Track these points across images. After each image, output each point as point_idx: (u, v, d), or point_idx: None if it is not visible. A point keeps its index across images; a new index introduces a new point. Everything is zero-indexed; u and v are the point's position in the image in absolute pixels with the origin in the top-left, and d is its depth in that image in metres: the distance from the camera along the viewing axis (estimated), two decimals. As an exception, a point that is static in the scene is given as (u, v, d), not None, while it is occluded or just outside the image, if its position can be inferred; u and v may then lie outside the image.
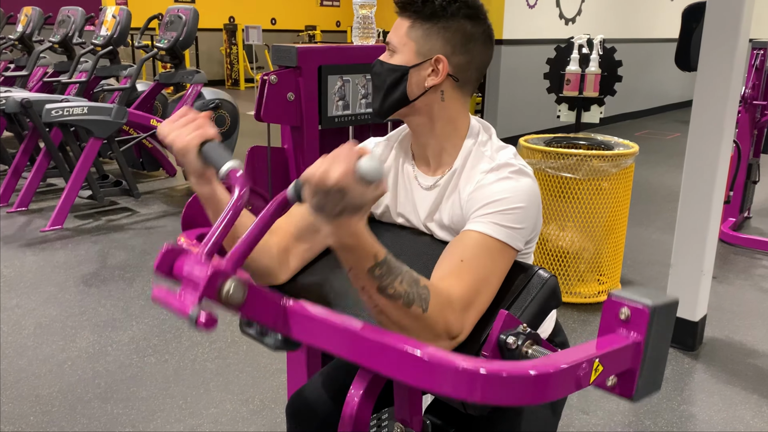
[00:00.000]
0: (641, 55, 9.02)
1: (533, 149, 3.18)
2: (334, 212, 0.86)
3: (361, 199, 0.85)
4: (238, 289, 0.83)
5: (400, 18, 1.21)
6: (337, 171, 0.82)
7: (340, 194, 0.83)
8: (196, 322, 0.80)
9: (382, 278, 0.92)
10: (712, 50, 2.58)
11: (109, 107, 4.46)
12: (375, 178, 0.83)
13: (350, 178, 0.83)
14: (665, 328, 0.83)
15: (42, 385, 2.48)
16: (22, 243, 4.04)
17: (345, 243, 0.90)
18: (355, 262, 0.92)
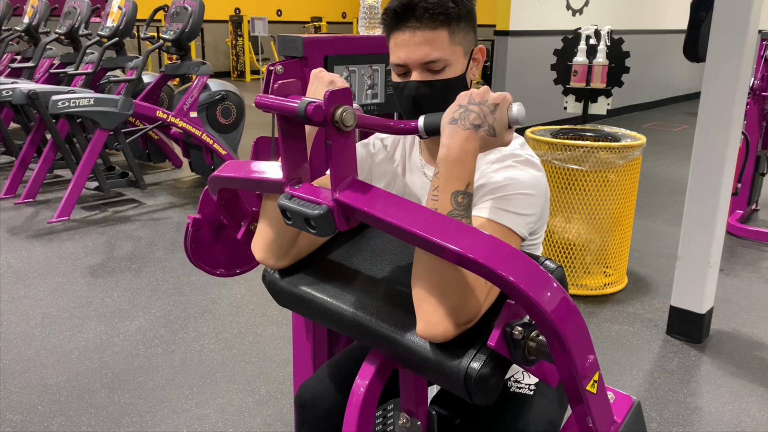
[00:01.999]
0: (649, 46, 8.96)
1: (540, 141, 3.17)
2: (474, 123, 0.93)
3: (500, 126, 0.94)
4: (352, 114, 0.89)
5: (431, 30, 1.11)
6: (497, 94, 0.94)
7: (491, 110, 0.93)
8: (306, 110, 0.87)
9: (459, 208, 0.94)
10: (720, 41, 2.55)
11: (116, 98, 4.47)
12: (519, 122, 0.94)
13: (506, 104, 0.94)
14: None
15: (50, 375, 2.50)
16: (29, 234, 4.06)
17: (458, 157, 0.93)
18: (449, 180, 0.94)
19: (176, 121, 4.80)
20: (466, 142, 0.93)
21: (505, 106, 0.94)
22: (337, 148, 0.91)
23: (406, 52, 1.13)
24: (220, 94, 5.06)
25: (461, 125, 0.93)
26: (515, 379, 1.27)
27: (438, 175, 0.95)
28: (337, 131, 0.89)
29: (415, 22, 1.11)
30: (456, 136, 0.93)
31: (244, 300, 3.18)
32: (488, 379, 0.96)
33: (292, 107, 0.90)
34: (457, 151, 0.93)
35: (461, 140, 0.93)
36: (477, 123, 0.93)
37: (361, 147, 1.34)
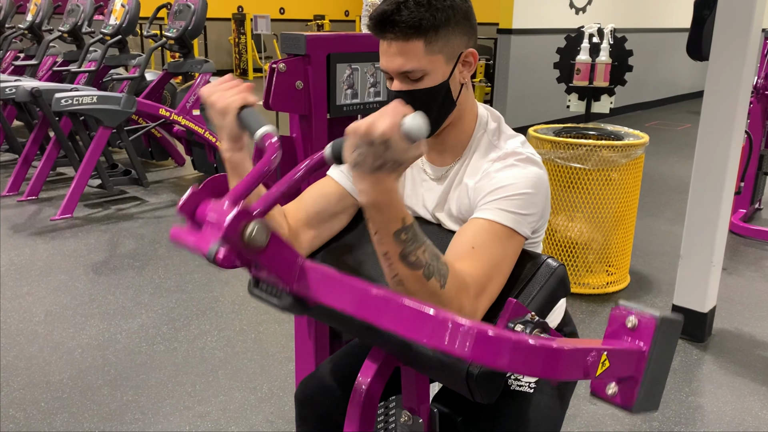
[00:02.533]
0: (652, 44, 8.94)
1: (542, 139, 3.17)
2: (375, 166, 0.88)
3: (403, 155, 0.87)
4: (262, 231, 0.82)
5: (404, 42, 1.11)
6: (383, 123, 0.85)
7: (384, 147, 0.86)
8: (215, 257, 0.80)
9: (407, 243, 0.92)
10: (724, 39, 2.55)
11: (118, 96, 4.47)
12: (419, 137, 0.86)
13: (396, 132, 0.86)
14: (669, 343, 0.84)
15: (53, 372, 2.51)
16: (32, 231, 4.07)
17: (378, 201, 0.91)
18: (383, 223, 0.92)
19: (179, 119, 4.81)
20: (378, 184, 0.90)
21: (396, 133, 0.86)
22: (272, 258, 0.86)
23: (385, 60, 1.15)
24: (222, 92, 5.05)
25: (364, 170, 0.89)
26: (516, 377, 1.27)
27: (371, 220, 0.93)
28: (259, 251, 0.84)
29: (390, 33, 1.11)
30: (366, 181, 0.90)
31: (247, 297, 3.18)
32: (490, 377, 0.96)
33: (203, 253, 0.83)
34: (375, 194, 0.91)
35: (372, 184, 0.90)
36: (377, 164, 0.88)
37: None
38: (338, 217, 1.28)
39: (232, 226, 0.80)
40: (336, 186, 1.28)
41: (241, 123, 1.04)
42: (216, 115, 1.06)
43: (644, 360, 0.81)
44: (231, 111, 1.04)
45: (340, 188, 1.27)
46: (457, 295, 0.97)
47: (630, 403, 0.83)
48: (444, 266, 0.96)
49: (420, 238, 0.94)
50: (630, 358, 0.81)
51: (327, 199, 1.26)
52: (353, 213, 1.30)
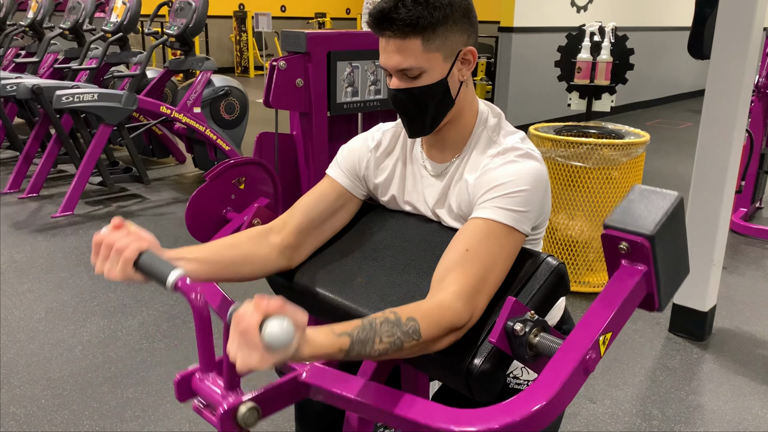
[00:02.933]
0: (653, 43, 8.93)
1: (543, 138, 3.17)
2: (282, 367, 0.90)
3: (284, 358, 0.81)
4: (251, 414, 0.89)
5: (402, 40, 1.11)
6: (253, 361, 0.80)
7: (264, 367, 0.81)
8: None
9: (361, 354, 0.90)
10: (725, 38, 2.54)
11: (119, 94, 4.47)
12: (285, 342, 0.79)
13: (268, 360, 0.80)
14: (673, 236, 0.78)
15: (53, 369, 2.51)
16: (33, 229, 4.07)
17: (311, 359, 0.88)
18: (329, 359, 0.91)
19: (180, 117, 4.81)
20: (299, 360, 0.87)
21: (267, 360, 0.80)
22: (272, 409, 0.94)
23: (384, 57, 1.16)
24: (223, 90, 5.06)
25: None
26: (514, 375, 1.27)
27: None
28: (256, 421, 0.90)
29: (388, 31, 1.12)
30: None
31: (247, 294, 3.15)
32: (490, 375, 0.96)
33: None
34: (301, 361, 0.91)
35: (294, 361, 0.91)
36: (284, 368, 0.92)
37: (361, 141, 1.34)
38: (339, 214, 1.29)
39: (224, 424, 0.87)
40: (334, 184, 1.30)
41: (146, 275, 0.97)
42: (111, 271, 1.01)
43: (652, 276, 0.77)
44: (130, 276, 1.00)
45: (339, 187, 1.29)
46: (439, 324, 0.96)
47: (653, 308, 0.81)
48: (410, 322, 0.94)
49: (369, 339, 0.91)
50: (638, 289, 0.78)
51: (325, 199, 1.28)
52: (354, 209, 1.31)
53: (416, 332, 0.94)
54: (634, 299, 0.79)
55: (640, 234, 0.75)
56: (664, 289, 0.79)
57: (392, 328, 0.93)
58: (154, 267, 0.95)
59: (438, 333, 0.96)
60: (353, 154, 1.32)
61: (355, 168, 1.31)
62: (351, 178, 1.30)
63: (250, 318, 0.81)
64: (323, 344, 0.87)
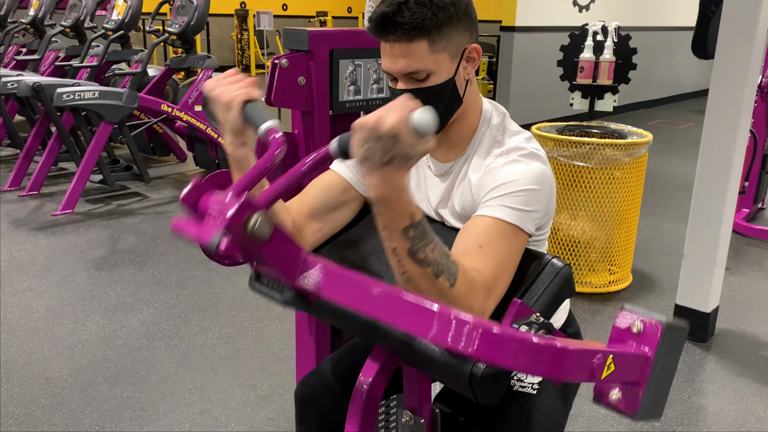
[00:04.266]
0: (656, 43, 8.91)
1: (546, 137, 3.15)
2: (383, 160, 0.86)
3: (411, 149, 0.86)
4: (265, 223, 0.80)
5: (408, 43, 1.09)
6: (392, 118, 0.84)
7: (392, 141, 0.84)
8: (216, 248, 0.78)
9: (415, 240, 0.91)
10: (730, 37, 2.53)
11: (120, 92, 4.46)
12: (428, 131, 0.85)
13: (404, 126, 0.84)
14: (675, 350, 0.83)
15: (52, 368, 2.50)
16: (33, 226, 4.06)
17: (386, 196, 0.89)
18: (392, 219, 0.91)
19: (181, 115, 4.80)
20: (386, 180, 0.88)
21: (405, 127, 0.85)
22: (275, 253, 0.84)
23: (389, 62, 1.13)
24: (224, 88, 5.04)
25: (373, 165, 0.88)
26: (518, 378, 1.26)
27: (379, 215, 0.92)
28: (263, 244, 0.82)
29: (392, 35, 1.09)
30: (375, 176, 0.89)
31: (247, 294, 3.17)
32: (494, 378, 0.95)
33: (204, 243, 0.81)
34: (384, 189, 0.89)
35: (381, 180, 0.89)
36: (386, 159, 0.86)
37: None
38: (341, 210, 1.27)
39: (235, 216, 0.78)
40: (339, 179, 1.27)
41: (244, 118, 1.03)
42: (219, 110, 1.05)
43: (649, 366, 0.80)
44: (235, 105, 1.02)
45: (343, 181, 1.27)
46: (467, 295, 0.96)
47: (634, 409, 0.82)
48: (453, 265, 0.95)
49: (429, 236, 0.93)
50: (635, 363, 0.80)
51: (329, 192, 1.26)
52: (357, 207, 1.29)
53: (454, 276, 0.95)
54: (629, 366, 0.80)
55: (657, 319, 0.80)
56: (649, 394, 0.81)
57: (443, 253, 0.95)
58: (259, 112, 1.01)
59: (460, 302, 0.95)
60: None
61: None
62: (357, 174, 1.28)
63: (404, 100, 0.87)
64: (408, 195, 0.91)
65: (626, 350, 0.80)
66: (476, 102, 1.23)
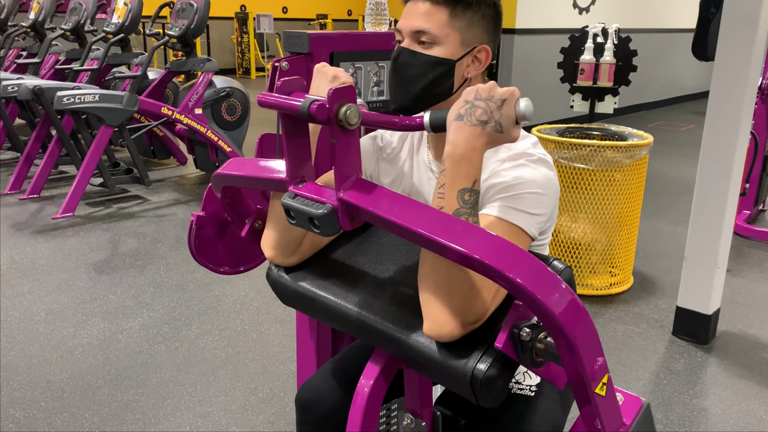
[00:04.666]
0: (656, 45, 8.91)
1: (546, 139, 3.15)
2: (480, 119, 0.91)
3: (507, 122, 0.92)
4: (356, 113, 0.88)
5: (432, 5, 1.13)
6: (505, 88, 0.92)
7: (498, 106, 0.91)
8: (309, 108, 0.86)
9: (466, 205, 0.93)
10: (730, 39, 2.53)
11: (121, 95, 4.47)
12: (527, 117, 0.92)
13: (514, 99, 0.92)
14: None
15: (53, 372, 2.50)
16: (34, 230, 4.06)
17: (465, 154, 0.92)
18: (455, 178, 0.93)
19: (181, 118, 4.80)
20: (473, 138, 0.91)
21: (513, 101, 0.92)
22: (341, 147, 0.90)
23: (406, 19, 1.17)
24: (225, 91, 5.05)
25: (467, 121, 0.92)
26: (516, 380, 1.26)
27: (444, 172, 0.94)
28: (341, 130, 0.88)
29: None
30: (462, 132, 0.92)
31: (248, 297, 3.17)
32: (495, 381, 0.95)
33: (294, 106, 0.89)
34: (464, 147, 0.92)
35: (467, 136, 0.91)
36: (483, 119, 0.91)
37: (369, 140, 1.33)
38: None
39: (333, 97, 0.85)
40: None
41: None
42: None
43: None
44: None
45: None
46: (484, 285, 0.95)
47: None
48: None
49: (477, 210, 0.95)
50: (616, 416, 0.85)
51: None
52: None
53: None
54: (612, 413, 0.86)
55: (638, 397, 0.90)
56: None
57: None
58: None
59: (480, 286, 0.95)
60: (362, 154, 1.31)
61: (364, 167, 1.30)
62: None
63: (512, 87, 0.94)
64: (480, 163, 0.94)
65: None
66: None
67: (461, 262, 0.84)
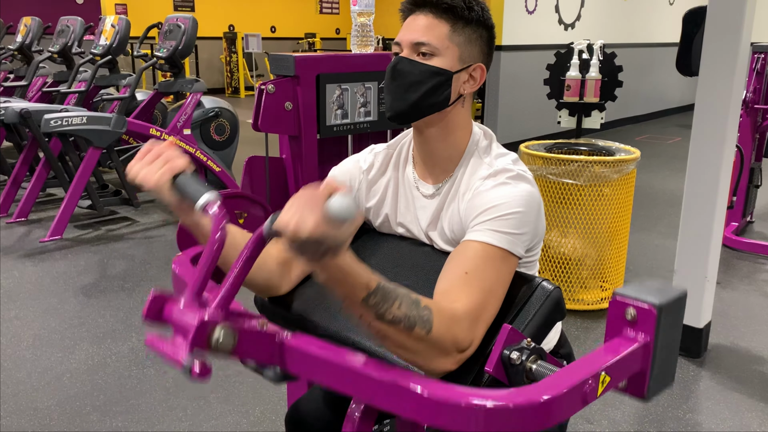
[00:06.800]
0: (640, 59, 9.01)
1: (534, 155, 3.17)
2: (315, 257, 0.83)
3: (339, 239, 0.81)
4: (228, 336, 0.81)
5: (434, 18, 1.16)
6: (308, 223, 0.79)
7: (317, 243, 0.80)
8: (191, 372, 0.78)
9: (378, 306, 0.88)
10: (713, 54, 2.56)
11: (108, 117, 4.45)
12: (348, 218, 0.80)
13: (322, 227, 0.79)
14: (674, 323, 0.81)
15: (40, 398, 2.46)
16: (21, 254, 4.02)
17: (333, 278, 0.87)
18: (348, 294, 0.88)
19: (170, 139, 4.78)
20: (328, 267, 0.85)
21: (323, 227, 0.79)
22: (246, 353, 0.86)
23: (404, 32, 1.19)
24: (213, 111, 5.05)
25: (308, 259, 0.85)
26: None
27: (334, 294, 0.90)
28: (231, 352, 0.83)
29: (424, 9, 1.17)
30: (314, 266, 0.87)
31: (239, 319, 3.14)
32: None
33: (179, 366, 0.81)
34: (329, 275, 0.87)
35: (322, 268, 0.86)
36: (317, 255, 0.83)
37: (352, 164, 1.33)
38: None
39: (195, 339, 0.79)
40: None
41: (179, 193, 0.97)
42: (151, 193, 1.02)
43: (650, 352, 0.79)
44: (163, 187, 0.98)
45: None
46: (449, 330, 0.94)
47: (641, 393, 0.81)
48: (426, 310, 0.92)
49: (391, 296, 0.90)
50: (634, 357, 0.79)
51: None
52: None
53: (429, 323, 0.92)
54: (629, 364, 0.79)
55: (650, 302, 0.77)
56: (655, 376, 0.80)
57: (411, 304, 0.92)
58: (191, 186, 0.96)
59: (443, 340, 0.93)
60: (345, 176, 1.31)
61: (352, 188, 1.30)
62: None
63: (318, 190, 0.82)
64: (358, 267, 0.87)
65: (621, 353, 0.78)
66: (467, 124, 1.23)
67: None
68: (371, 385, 0.80)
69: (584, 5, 8.00)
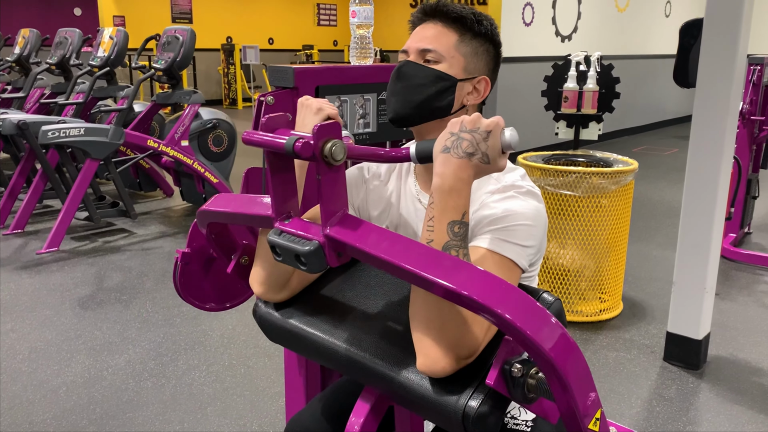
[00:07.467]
0: (638, 70, 9.05)
1: (532, 167, 3.17)
2: (467, 151, 0.91)
3: (493, 153, 0.92)
4: (341, 149, 0.87)
5: (443, 27, 1.19)
6: (489, 119, 0.93)
7: (483, 137, 0.92)
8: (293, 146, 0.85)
9: (456, 238, 0.92)
10: (710, 66, 2.57)
11: (106, 128, 4.45)
12: (511, 146, 0.93)
13: (499, 129, 0.92)
14: None
15: (36, 412, 2.44)
16: (17, 265, 4.00)
17: (453, 186, 0.92)
18: (444, 211, 0.92)
19: (167, 150, 4.78)
20: (460, 170, 0.92)
21: (498, 131, 0.93)
22: (327, 183, 0.89)
23: (412, 40, 1.21)
24: (211, 123, 5.05)
25: (454, 153, 0.92)
26: (512, 416, 1.24)
27: (433, 205, 0.94)
28: (326, 166, 0.88)
29: (434, 18, 1.20)
30: (449, 164, 0.92)
31: (236, 331, 3.13)
32: (487, 418, 0.93)
33: (279, 144, 0.88)
34: (451, 179, 0.91)
35: (455, 168, 0.91)
36: (470, 151, 0.91)
37: (356, 171, 1.33)
38: None
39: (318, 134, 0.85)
40: None
41: None
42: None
43: None
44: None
45: None
46: (476, 318, 0.94)
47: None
48: None
49: (467, 242, 0.94)
50: None
51: None
52: None
53: None
54: None
55: None
56: None
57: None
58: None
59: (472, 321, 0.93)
60: (349, 185, 1.30)
61: (351, 198, 1.29)
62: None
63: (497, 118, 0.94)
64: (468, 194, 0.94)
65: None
66: None
67: (449, 297, 0.83)
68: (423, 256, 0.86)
69: (581, 17, 8.05)
